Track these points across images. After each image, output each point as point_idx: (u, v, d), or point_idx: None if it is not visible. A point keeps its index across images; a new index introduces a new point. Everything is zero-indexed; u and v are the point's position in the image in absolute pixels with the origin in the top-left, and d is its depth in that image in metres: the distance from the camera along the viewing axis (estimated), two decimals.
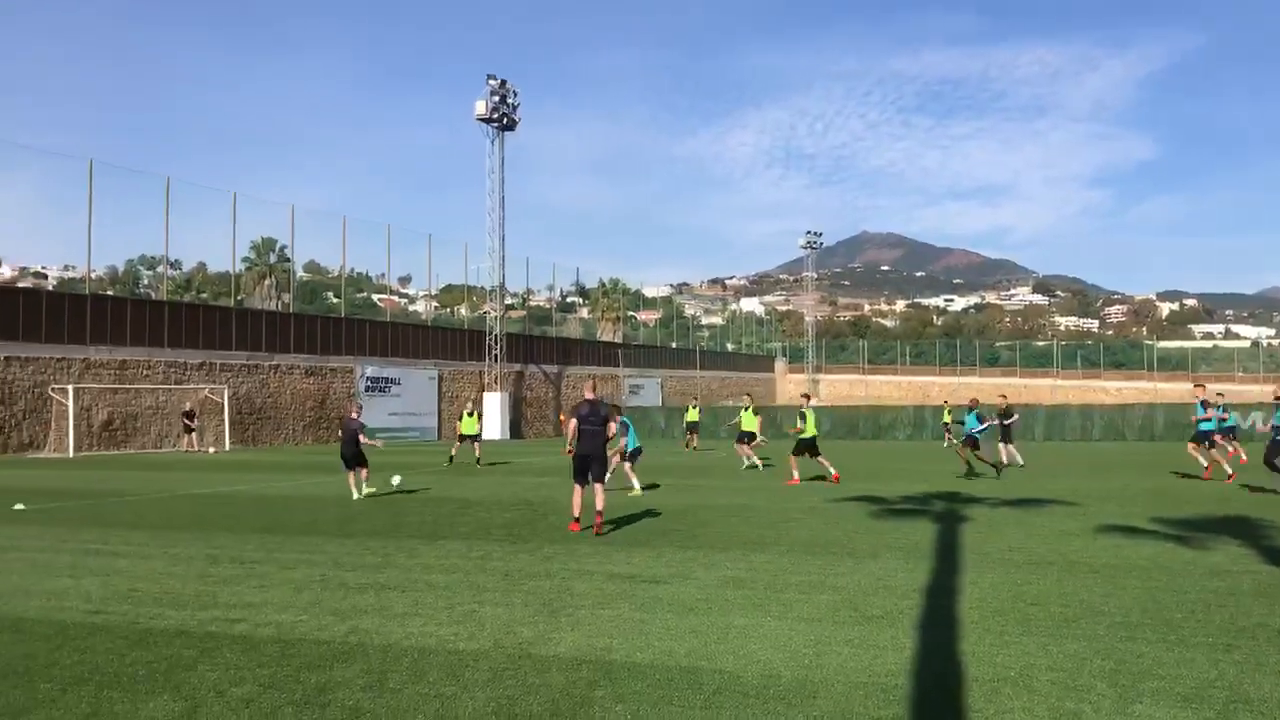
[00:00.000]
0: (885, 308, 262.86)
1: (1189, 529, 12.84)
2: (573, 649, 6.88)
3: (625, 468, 19.15)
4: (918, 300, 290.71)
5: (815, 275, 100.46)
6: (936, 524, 13.75)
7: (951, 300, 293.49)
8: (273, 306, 53.10)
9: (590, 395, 13.53)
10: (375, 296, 71.18)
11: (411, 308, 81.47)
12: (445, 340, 56.28)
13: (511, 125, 53.46)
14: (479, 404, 37.97)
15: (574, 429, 13.31)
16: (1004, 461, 25.67)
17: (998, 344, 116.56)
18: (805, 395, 23.16)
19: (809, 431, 21.26)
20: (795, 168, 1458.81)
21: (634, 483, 18.66)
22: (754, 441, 25.87)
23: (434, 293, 68.32)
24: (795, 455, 21.36)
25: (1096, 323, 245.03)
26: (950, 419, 39.42)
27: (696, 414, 40.37)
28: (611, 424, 13.53)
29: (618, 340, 74.71)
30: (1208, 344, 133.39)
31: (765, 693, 5.82)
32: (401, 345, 52.90)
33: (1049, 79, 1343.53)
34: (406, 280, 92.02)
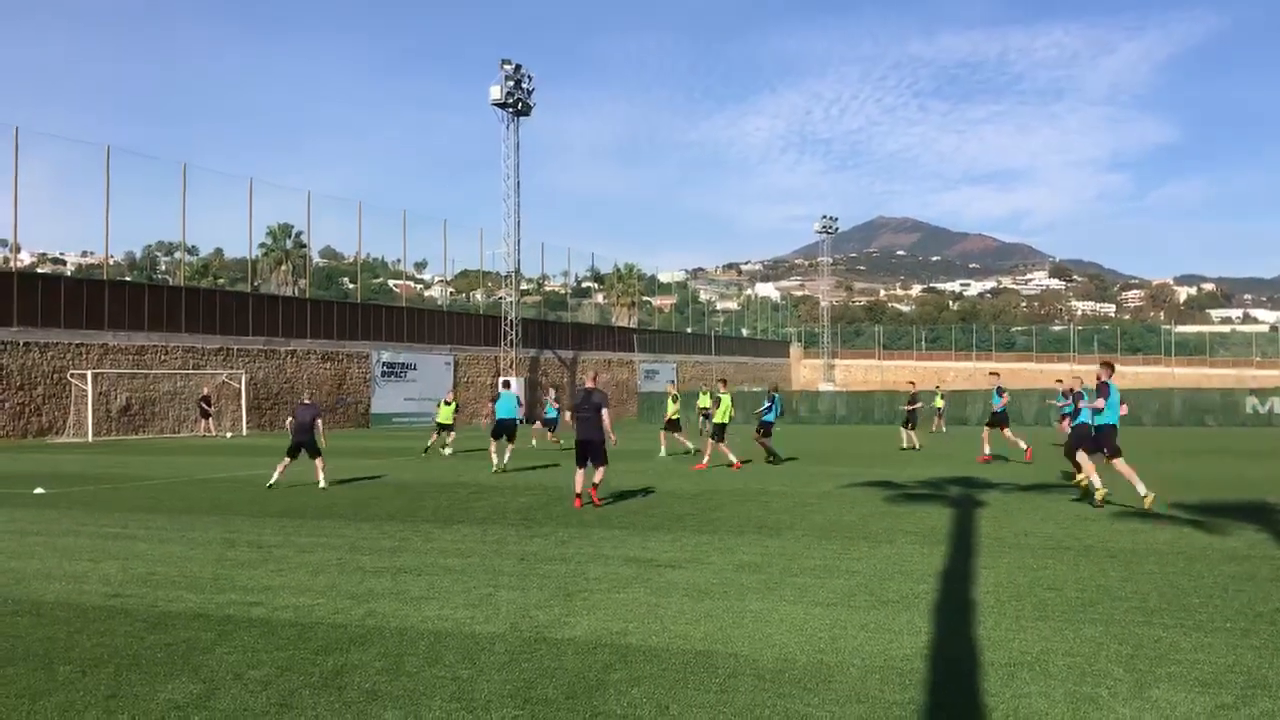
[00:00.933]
0: (901, 292, 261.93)
1: (1206, 514, 12.78)
2: (588, 632, 6.90)
3: (763, 443, 22.54)
4: (934, 285, 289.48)
5: (831, 260, 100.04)
6: (952, 509, 13.72)
7: (968, 285, 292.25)
8: (289, 292, 53.24)
9: (590, 384, 14.61)
10: (391, 282, 71.47)
11: (427, 293, 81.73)
12: (461, 325, 56.35)
13: (527, 110, 53.33)
14: (457, 394, 36.84)
15: (570, 418, 14.89)
16: (902, 445, 26.82)
17: (1014, 329, 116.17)
18: (722, 380, 24.55)
19: (721, 416, 22.01)
20: (811, 152, 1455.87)
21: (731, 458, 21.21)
22: (679, 431, 25.60)
23: (449, 278, 68.43)
24: (713, 439, 22.02)
25: (1113, 307, 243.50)
26: (941, 403, 41.30)
27: (709, 400, 40.52)
28: (605, 410, 14.29)
29: (633, 325, 74.68)
30: (1225, 329, 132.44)
31: (780, 676, 5.82)
32: (417, 330, 52.99)
33: (1066, 62, 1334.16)
34: (422, 265, 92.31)
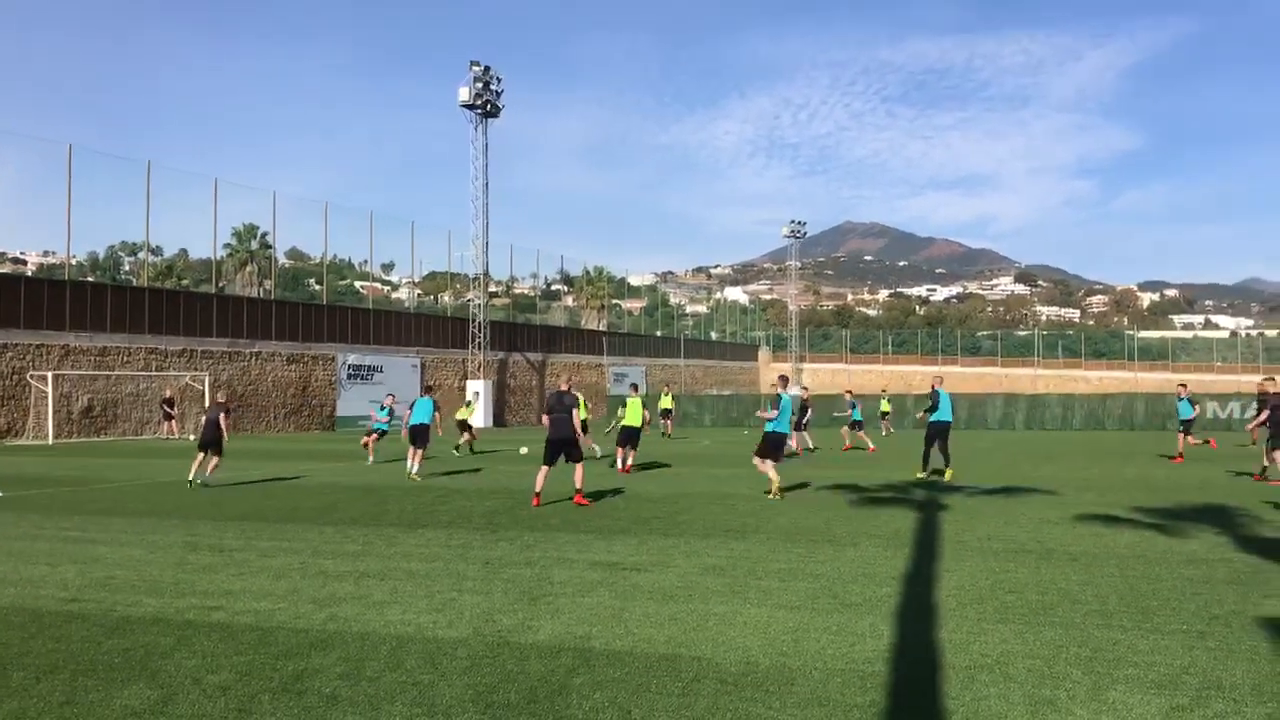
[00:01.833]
0: (868, 297, 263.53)
1: (1167, 518, 12.94)
2: (552, 637, 6.88)
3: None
4: (900, 290, 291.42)
5: (799, 264, 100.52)
6: (916, 512, 13.80)
7: (934, 290, 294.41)
8: (254, 293, 52.73)
9: (564, 387, 15.63)
10: (358, 283, 70.97)
11: (394, 295, 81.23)
12: (428, 328, 56.06)
13: (495, 112, 53.16)
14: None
15: (547, 419, 15.25)
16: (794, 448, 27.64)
17: (979, 333, 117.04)
18: (634, 385, 25.04)
19: (631, 420, 21.88)
20: (779, 157, 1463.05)
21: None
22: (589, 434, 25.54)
23: (417, 280, 68.10)
24: (620, 445, 22.00)
25: (1078, 313, 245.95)
26: (889, 408, 41.39)
27: (670, 401, 40.51)
28: (576, 411, 15.20)
29: (602, 328, 74.59)
30: (1187, 334, 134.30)
31: (743, 680, 5.83)
32: (384, 333, 52.67)
33: (1033, 69, 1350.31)
34: (389, 267, 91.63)
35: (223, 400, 19.71)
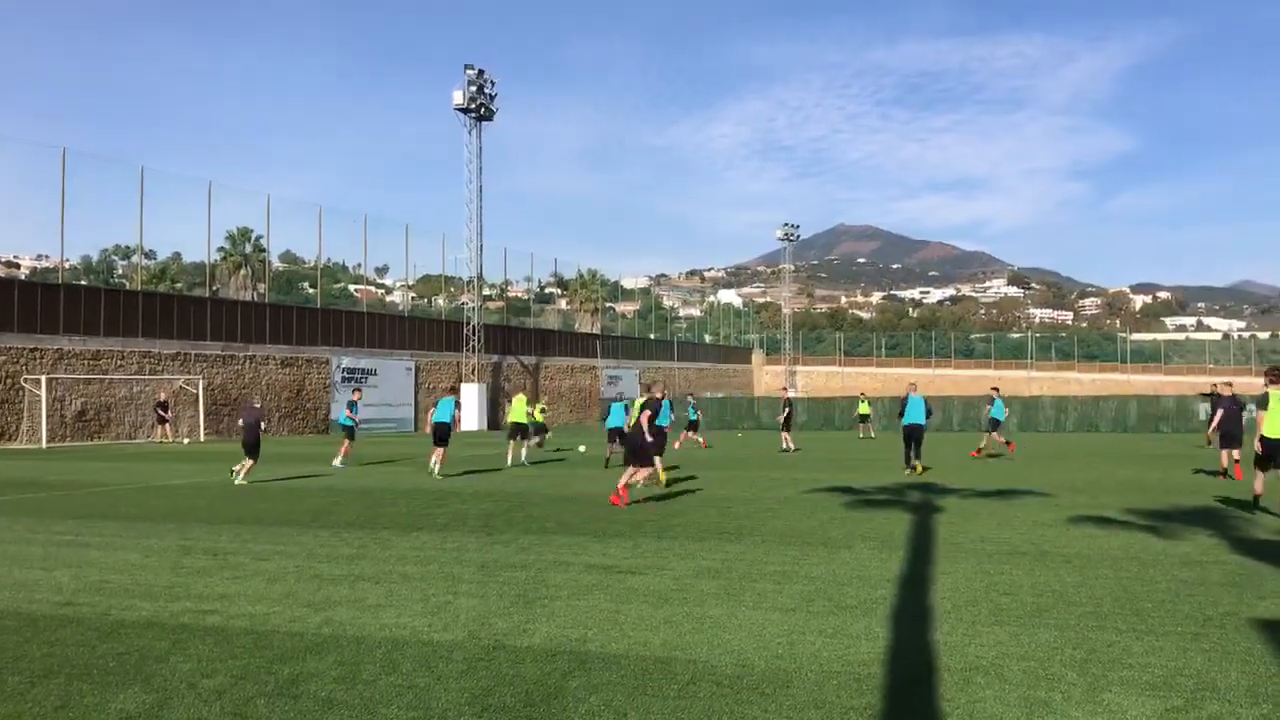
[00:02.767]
0: (862, 300, 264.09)
1: (1161, 519, 12.97)
2: (547, 640, 6.88)
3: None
4: (894, 292, 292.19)
5: (792, 267, 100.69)
6: (911, 514, 13.83)
7: (927, 292, 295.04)
8: (248, 297, 52.61)
9: (658, 394, 16.92)
10: (352, 287, 70.84)
11: (388, 298, 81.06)
12: (422, 331, 56.03)
13: (489, 115, 53.18)
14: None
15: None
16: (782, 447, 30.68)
17: (973, 336, 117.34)
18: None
19: (516, 417, 24.36)
20: (774, 159, 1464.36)
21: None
22: (529, 436, 25.57)
23: (411, 283, 68.03)
24: (511, 439, 24.46)
25: (1071, 315, 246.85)
26: (868, 410, 41.92)
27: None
28: (646, 414, 15.93)
29: (596, 331, 74.61)
30: (1180, 336, 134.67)
31: (739, 682, 5.84)
32: (378, 336, 52.64)
33: (1027, 71, 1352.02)
34: (383, 270, 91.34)
35: (258, 405, 20.40)
